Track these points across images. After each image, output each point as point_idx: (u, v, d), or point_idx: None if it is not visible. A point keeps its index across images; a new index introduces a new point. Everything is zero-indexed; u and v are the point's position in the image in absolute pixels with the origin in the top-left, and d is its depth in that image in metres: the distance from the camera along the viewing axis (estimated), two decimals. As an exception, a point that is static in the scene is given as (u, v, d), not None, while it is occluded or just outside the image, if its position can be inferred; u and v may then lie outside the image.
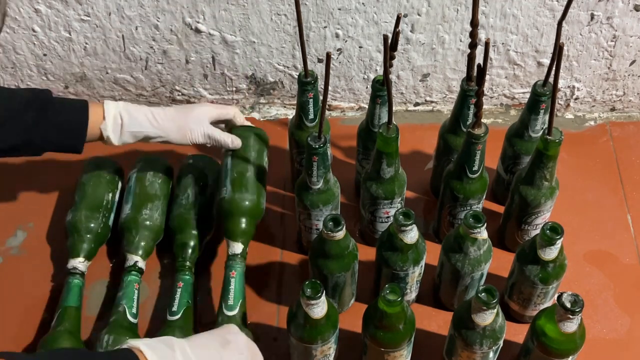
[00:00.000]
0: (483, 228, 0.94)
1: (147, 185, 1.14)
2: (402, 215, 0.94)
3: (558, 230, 0.92)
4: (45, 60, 1.28)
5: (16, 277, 1.13)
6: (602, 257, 1.14)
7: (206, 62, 1.27)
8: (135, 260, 1.07)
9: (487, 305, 0.87)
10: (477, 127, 0.95)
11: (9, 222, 1.19)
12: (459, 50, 1.23)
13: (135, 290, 1.05)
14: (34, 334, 1.07)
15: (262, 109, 1.36)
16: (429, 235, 1.16)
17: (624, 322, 1.08)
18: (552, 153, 0.97)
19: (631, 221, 1.18)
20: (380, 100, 1.04)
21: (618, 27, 1.18)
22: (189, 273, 1.07)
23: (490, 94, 1.31)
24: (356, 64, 1.26)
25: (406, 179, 1.05)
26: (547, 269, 0.96)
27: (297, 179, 1.05)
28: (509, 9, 1.16)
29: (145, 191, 1.13)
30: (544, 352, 0.92)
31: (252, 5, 1.17)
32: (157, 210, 1.12)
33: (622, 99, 1.32)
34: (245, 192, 1.07)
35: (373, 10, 1.17)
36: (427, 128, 1.31)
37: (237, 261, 1.04)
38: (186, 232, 1.10)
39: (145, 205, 1.12)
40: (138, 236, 1.09)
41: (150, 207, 1.12)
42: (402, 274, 0.99)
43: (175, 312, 1.02)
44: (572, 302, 0.86)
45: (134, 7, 1.18)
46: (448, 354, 0.99)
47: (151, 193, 1.13)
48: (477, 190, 1.03)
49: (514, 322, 1.06)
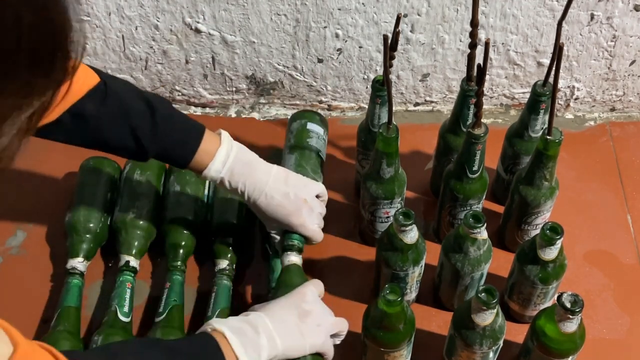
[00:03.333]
0: (483, 228, 0.94)
1: (136, 184, 1.13)
2: (402, 215, 0.94)
3: (558, 230, 0.92)
4: (45, 60, 1.28)
5: (16, 277, 1.13)
6: (602, 257, 1.14)
7: (206, 62, 1.27)
8: (127, 260, 1.07)
9: (487, 305, 0.87)
10: (477, 127, 0.95)
11: (9, 222, 1.19)
12: (459, 50, 1.23)
13: (127, 289, 1.05)
14: (33, 334, 1.06)
15: (262, 109, 1.36)
16: (429, 235, 1.16)
17: (624, 322, 1.08)
18: (552, 153, 0.97)
19: (631, 221, 1.18)
20: (380, 100, 1.04)
21: (618, 27, 1.18)
22: (179, 273, 1.07)
23: (490, 94, 1.31)
24: (356, 64, 1.26)
25: (406, 179, 1.05)
26: (547, 269, 0.96)
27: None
28: (509, 9, 1.16)
29: (134, 190, 1.13)
30: (544, 352, 0.92)
31: (252, 5, 1.17)
32: (146, 209, 1.12)
33: (622, 99, 1.32)
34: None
35: (373, 10, 1.17)
36: (427, 128, 1.31)
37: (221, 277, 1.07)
38: (177, 231, 1.10)
39: (134, 204, 1.11)
40: (129, 235, 1.09)
41: (139, 206, 1.11)
42: (402, 274, 0.99)
43: (160, 313, 1.02)
44: (572, 302, 0.86)
45: (133, 7, 1.18)
46: (448, 354, 0.99)
47: (139, 192, 1.13)
48: (477, 190, 1.03)
49: (514, 322, 1.06)
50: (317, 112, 1.21)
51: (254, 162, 1.01)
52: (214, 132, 1.00)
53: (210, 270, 1.09)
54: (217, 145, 0.97)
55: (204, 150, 0.96)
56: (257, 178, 1.00)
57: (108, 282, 1.11)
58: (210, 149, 0.97)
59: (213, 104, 1.36)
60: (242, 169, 0.98)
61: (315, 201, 1.04)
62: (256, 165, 1.01)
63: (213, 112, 1.36)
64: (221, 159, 0.97)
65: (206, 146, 0.96)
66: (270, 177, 1.01)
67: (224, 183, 0.99)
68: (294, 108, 1.35)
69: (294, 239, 1.04)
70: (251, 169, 0.99)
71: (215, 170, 0.97)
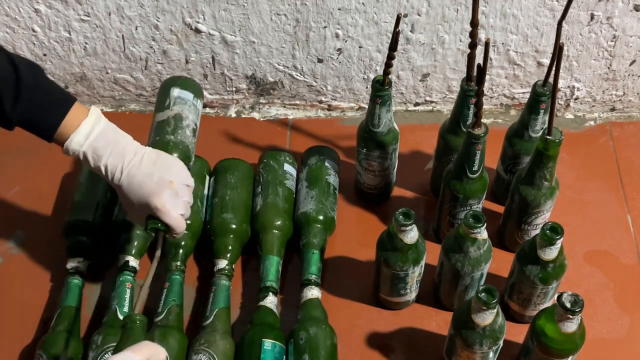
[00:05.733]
0: (483, 228, 0.94)
1: None
2: (402, 215, 0.94)
3: (558, 230, 0.92)
4: (45, 60, 1.28)
5: (16, 277, 1.13)
6: (602, 257, 1.14)
7: (206, 62, 1.27)
8: (126, 260, 1.07)
9: (487, 305, 0.87)
10: (477, 127, 0.95)
11: (9, 222, 1.19)
12: (459, 50, 1.23)
13: (127, 289, 1.05)
14: (33, 333, 1.07)
15: (262, 109, 1.36)
16: (429, 235, 1.16)
17: (624, 322, 1.08)
18: (552, 153, 0.97)
19: (631, 221, 1.18)
20: (380, 100, 1.04)
21: (618, 27, 1.18)
22: (179, 273, 1.07)
23: (490, 94, 1.31)
24: (356, 64, 1.26)
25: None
26: (547, 269, 0.96)
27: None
28: (509, 9, 1.16)
29: None
30: (544, 352, 0.92)
31: (252, 5, 1.17)
32: None
33: (622, 99, 1.32)
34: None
35: (373, 10, 1.17)
36: (427, 128, 1.31)
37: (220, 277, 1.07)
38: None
39: None
40: (128, 235, 1.09)
41: None
42: (402, 274, 0.99)
43: (159, 313, 1.02)
44: (572, 302, 0.86)
45: (134, 7, 1.18)
46: (448, 354, 0.99)
47: None
48: (477, 190, 1.03)
49: (514, 322, 1.06)
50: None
51: (122, 140, 0.94)
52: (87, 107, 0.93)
53: (210, 270, 1.09)
54: (83, 119, 0.91)
55: (68, 122, 0.90)
56: (123, 156, 0.92)
57: (108, 282, 1.11)
58: (75, 121, 0.90)
59: (213, 104, 1.36)
60: (107, 145, 0.91)
61: (184, 188, 0.96)
62: (124, 143, 0.93)
63: (213, 112, 1.36)
64: (85, 132, 0.90)
65: (71, 118, 0.90)
66: (137, 156, 0.93)
67: (87, 158, 0.91)
68: (294, 108, 1.35)
69: (311, 274, 1.05)
70: (117, 147, 0.92)
71: (76, 142, 0.90)
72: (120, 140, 0.93)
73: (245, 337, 1.00)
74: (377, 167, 1.13)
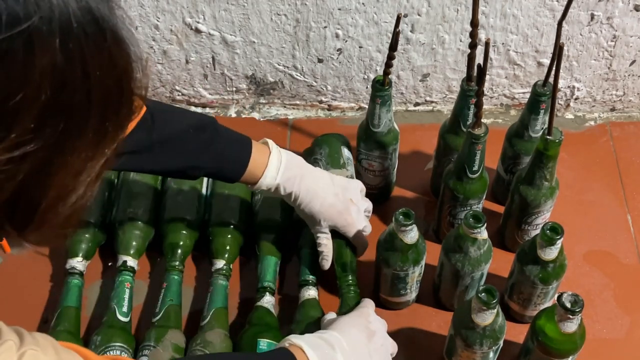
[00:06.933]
0: (483, 228, 0.94)
1: (133, 183, 1.13)
2: (402, 215, 0.94)
3: (558, 230, 0.92)
4: (45, 60, 1.28)
5: (16, 277, 1.13)
6: (602, 257, 1.14)
7: (206, 62, 1.27)
8: (124, 259, 1.07)
9: (487, 305, 0.87)
10: (477, 127, 0.95)
11: (8, 222, 1.19)
12: (459, 50, 1.23)
13: (126, 289, 1.05)
14: (33, 334, 1.06)
15: (262, 109, 1.36)
16: (429, 235, 1.16)
17: (624, 322, 1.08)
18: (552, 153, 0.97)
19: (631, 221, 1.18)
20: (380, 100, 1.04)
21: (618, 27, 1.18)
22: (177, 273, 1.07)
23: (490, 94, 1.31)
24: (356, 64, 1.26)
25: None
26: (547, 269, 0.96)
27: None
28: (509, 9, 1.16)
29: (131, 190, 1.13)
30: (544, 352, 0.92)
31: (252, 5, 1.17)
32: (144, 209, 1.11)
33: (622, 99, 1.32)
34: None
35: (373, 10, 1.17)
36: (427, 128, 1.31)
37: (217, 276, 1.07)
38: (175, 231, 1.10)
39: (131, 203, 1.11)
40: (127, 235, 1.09)
41: (137, 205, 1.11)
42: (402, 274, 0.99)
43: (156, 313, 1.03)
44: (572, 302, 0.86)
45: (134, 7, 1.18)
46: (448, 354, 0.99)
47: (137, 191, 1.13)
48: (477, 190, 1.03)
49: (514, 322, 1.06)
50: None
51: (303, 165, 1.03)
52: (258, 141, 1.01)
53: (207, 270, 1.09)
54: (267, 154, 0.99)
55: (255, 161, 0.98)
56: (310, 181, 1.01)
57: (107, 282, 1.11)
58: (261, 159, 0.98)
59: (213, 104, 1.36)
60: (294, 173, 1.00)
61: (361, 199, 1.07)
62: (305, 168, 1.03)
63: (213, 112, 1.36)
64: (275, 167, 0.99)
65: (257, 157, 0.98)
66: (319, 179, 1.03)
67: (278, 190, 1.00)
68: (294, 108, 1.35)
69: (308, 274, 1.06)
70: (302, 173, 1.01)
71: (270, 178, 0.98)
72: (302, 166, 1.02)
73: (243, 337, 1.00)
74: (377, 167, 1.13)
